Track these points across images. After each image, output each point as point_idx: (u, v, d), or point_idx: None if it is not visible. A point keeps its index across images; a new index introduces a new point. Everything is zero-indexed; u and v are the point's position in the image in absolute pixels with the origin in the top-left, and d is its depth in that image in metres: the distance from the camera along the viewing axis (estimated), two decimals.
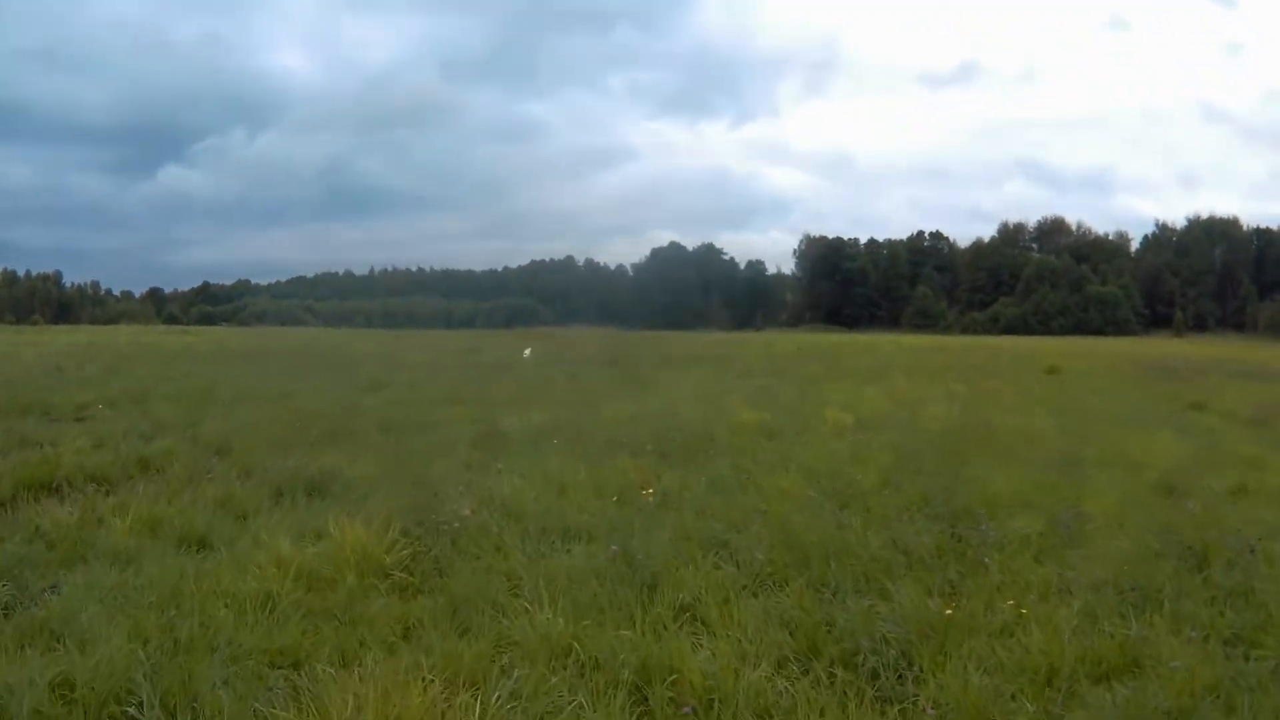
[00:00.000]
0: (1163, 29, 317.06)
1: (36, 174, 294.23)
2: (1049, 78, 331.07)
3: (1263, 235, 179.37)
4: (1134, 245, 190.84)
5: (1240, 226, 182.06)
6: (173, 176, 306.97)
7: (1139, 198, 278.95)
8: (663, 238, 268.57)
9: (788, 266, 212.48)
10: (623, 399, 20.48)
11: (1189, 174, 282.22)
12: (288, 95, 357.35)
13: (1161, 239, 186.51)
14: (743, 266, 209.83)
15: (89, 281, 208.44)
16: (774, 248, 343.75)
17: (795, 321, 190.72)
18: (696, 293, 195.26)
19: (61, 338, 67.60)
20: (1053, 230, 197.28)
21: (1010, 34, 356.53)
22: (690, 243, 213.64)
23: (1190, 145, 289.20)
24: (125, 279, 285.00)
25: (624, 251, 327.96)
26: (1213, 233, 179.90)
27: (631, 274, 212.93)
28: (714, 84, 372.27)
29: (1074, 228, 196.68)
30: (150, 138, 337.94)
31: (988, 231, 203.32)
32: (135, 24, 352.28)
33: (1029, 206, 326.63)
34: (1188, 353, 67.38)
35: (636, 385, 25.44)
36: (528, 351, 41.73)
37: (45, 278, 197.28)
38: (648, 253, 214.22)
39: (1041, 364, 43.45)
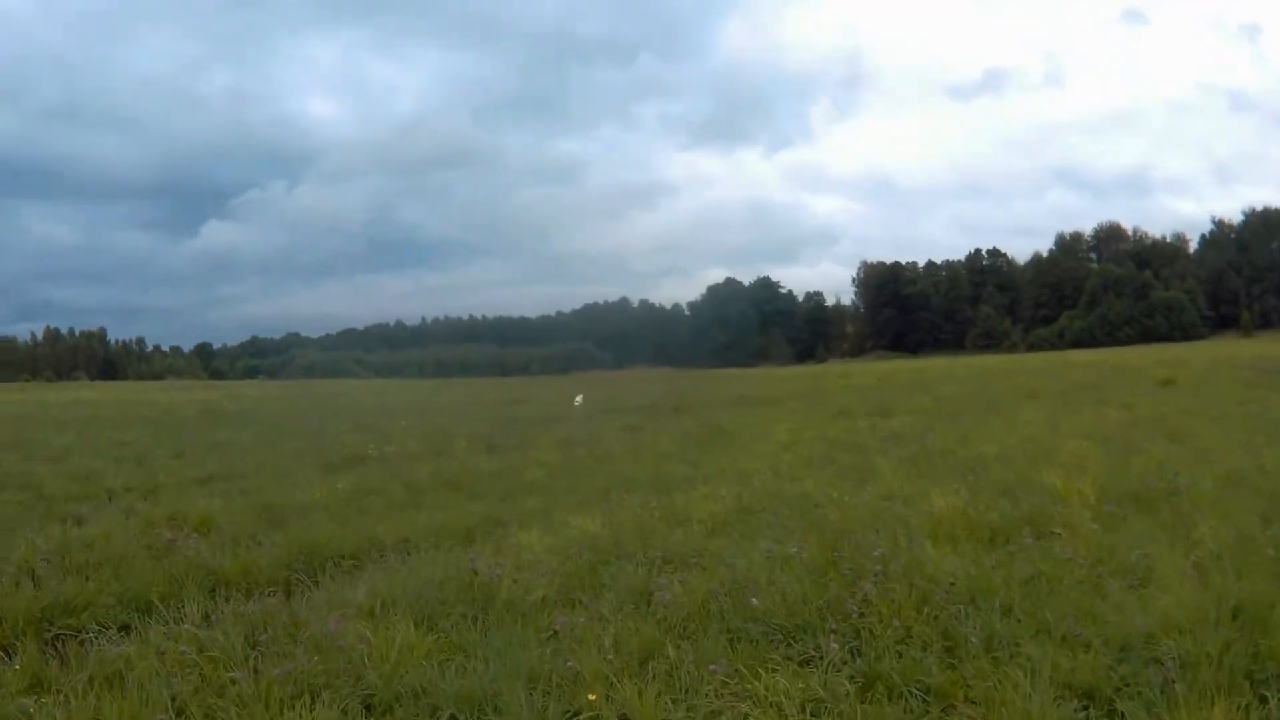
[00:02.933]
0: (1177, 18, 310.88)
1: (78, 233, 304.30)
2: (1074, 79, 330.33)
3: None
4: (1192, 245, 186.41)
5: None
6: (216, 231, 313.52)
7: (1177, 196, 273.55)
8: (714, 275, 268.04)
9: (844, 297, 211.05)
10: (705, 463, 16.59)
11: (1223, 168, 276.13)
12: (320, 144, 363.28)
13: (1220, 237, 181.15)
14: (800, 299, 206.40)
15: (134, 338, 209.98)
16: (826, 280, 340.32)
17: (857, 351, 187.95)
18: (755, 329, 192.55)
19: (52, 395, 66.60)
20: (1109, 237, 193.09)
21: (1030, 37, 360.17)
22: (743, 278, 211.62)
23: (1221, 137, 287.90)
24: (174, 336, 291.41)
25: (677, 292, 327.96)
26: (1271, 225, 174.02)
27: (688, 313, 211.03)
28: (744, 109, 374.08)
29: (1130, 233, 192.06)
30: (190, 193, 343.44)
31: (1035, 244, 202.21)
32: (162, 80, 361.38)
33: (1071, 215, 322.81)
34: (1273, 353, 64.49)
35: (716, 440, 21.62)
36: (579, 399, 38.69)
37: (89, 335, 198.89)
38: (701, 290, 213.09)
39: (1150, 377, 40.36)
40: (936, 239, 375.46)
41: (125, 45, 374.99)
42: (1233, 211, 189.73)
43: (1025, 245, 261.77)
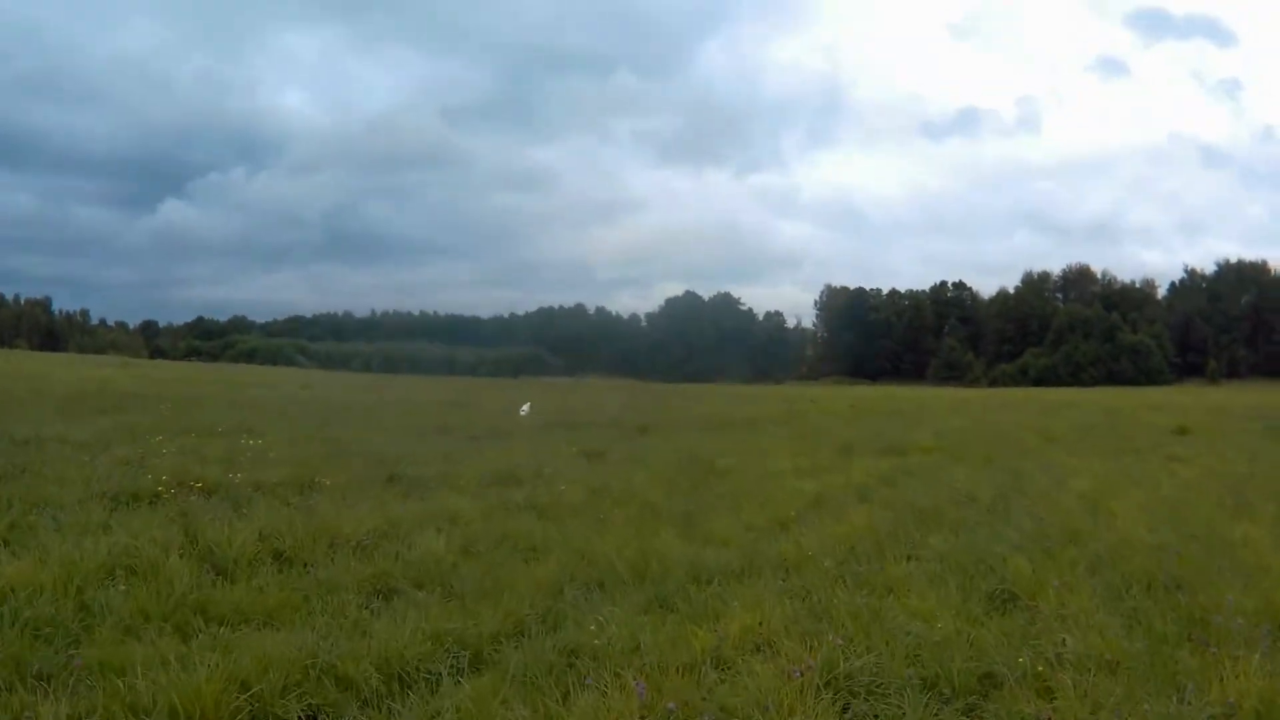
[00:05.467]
0: (1157, 71, 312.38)
1: (40, 203, 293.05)
2: (1047, 124, 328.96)
3: None
4: (1160, 292, 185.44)
5: (1269, 270, 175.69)
6: (174, 210, 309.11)
7: (1144, 246, 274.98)
8: (672, 289, 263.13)
9: (805, 320, 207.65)
10: (711, 528, 10.76)
11: (1191, 220, 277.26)
12: (289, 135, 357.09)
13: (1191, 285, 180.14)
14: (760, 318, 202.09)
15: (79, 309, 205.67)
16: (786, 303, 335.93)
17: (815, 375, 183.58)
18: (713, 345, 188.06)
19: None
20: (1078, 279, 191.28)
21: (1006, 80, 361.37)
22: (704, 293, 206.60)
23: (1192, 189, 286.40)
24: (124, 312, 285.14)
25: (634, 303, 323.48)
26: (1243, 277, 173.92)
27: (645, 324, 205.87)
28: (717, 130, 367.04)
29: (1099, 275, 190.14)
30: (152, 171, 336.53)
31: (997, 283, 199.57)
32: (137, 60, 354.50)
33: (1037, 257, 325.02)
34: (1261, 402, 60.62)
35: (709, 482, 15.39)
36: (526, 408, 32.63)
37: (34, 303, 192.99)
38: (659, 303, 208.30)
39: (1152, 424, 35.90)
40: (900, 271, 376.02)
41: (103, 24, 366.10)
42: (1198, 263, 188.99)
43: (990, 283, 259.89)
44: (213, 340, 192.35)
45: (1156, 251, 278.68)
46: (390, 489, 12.79)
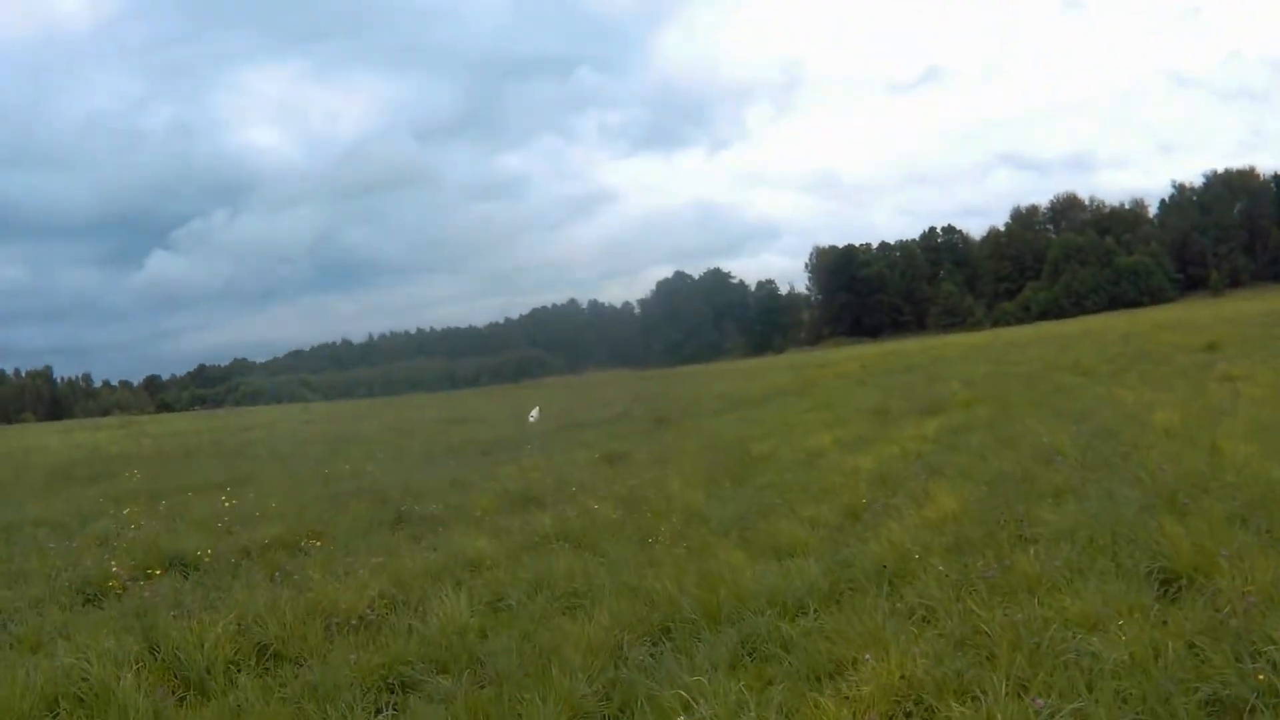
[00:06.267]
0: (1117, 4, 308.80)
1: (26, 272, 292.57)
2: (1013, 69, 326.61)
3: None
4: (1151, 211, 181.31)
5: (1258, 177, 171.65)
6: (161, 262, 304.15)
7: (1122, 170, 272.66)
8: (660, 273, 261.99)
9: (797, 285, 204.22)
10: (774, 534, 9.10)
11: (1167, 143, 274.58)
12: (264, 173, 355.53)
13: (1182, 200, 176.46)
14: (753, 289, 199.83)
15: (81, 374, 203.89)
16: (775, 271, 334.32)
17: (815, 339, 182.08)
18: (709, 322, 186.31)
19: None
20: (1067, 208, 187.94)
21: (968, 33, 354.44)
22: (690, 272, 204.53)
23: (1164, 115, 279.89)
24: (124, 370, 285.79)
25: (624, 292, 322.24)
26: (1233, 186, 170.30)
27: (638, 310, 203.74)
28: (683, 115, 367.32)
29: (1087, 202, 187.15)
30: (134, 227, 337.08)
31: (986, 222, 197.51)
32: (104, 117, 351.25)
33: (1017, 195, 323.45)
34: (1273, 309, 58.42)
35: (751, 472, 13.78)
36: (535, 413, 31.14)
37: (35, 374, 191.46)
38: (649, 289, 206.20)
39: (1183, 343, 33.94)
40: (884, 228, 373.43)
41: (68, 87, 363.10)
42: (1184, 178, 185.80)
43: (978, 224, 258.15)
44: (216, 386, 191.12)
45: (1135, 174, 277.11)
46: (397, 532, 11.17)
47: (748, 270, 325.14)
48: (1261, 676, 4.64)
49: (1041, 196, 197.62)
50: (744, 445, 16.84)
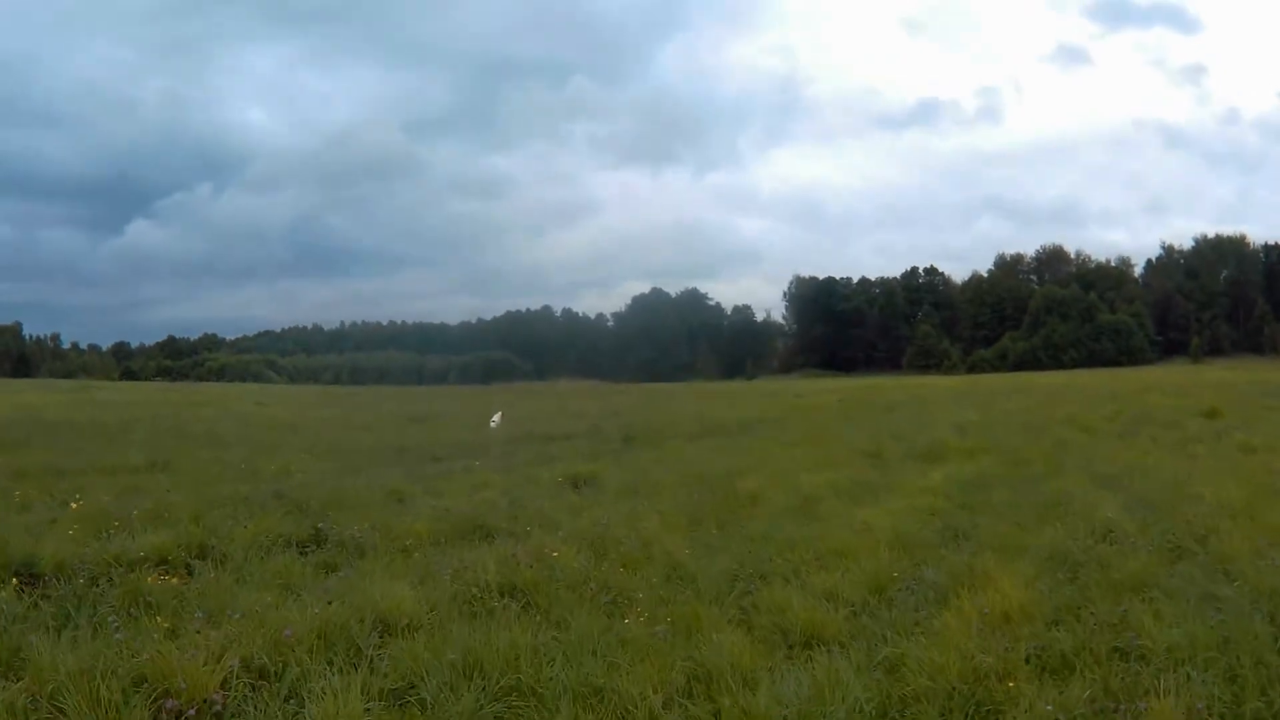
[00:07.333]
0: (1118, 58, 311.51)
1: (7, 228, 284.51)
2: (1007, 114, 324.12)
3: (1273, 251, 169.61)
4: (1136, 270, 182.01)
5: (1248, 244, 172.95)
6: (141, 231, 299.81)
7: (1110, 227, 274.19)
8: (636, 288, 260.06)
9: (773, 312, 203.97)
10: (780, 620, 7.04)
11: (1156, 201, 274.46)
12: (251, 151, 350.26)
13: (1168, 262, 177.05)
14: (729, 312, 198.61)
15: (50, 334, 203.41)
16: (752, 297, 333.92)
17: (788, 368, 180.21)
18: (682, 341, 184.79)
19: None
20: (1052, 259, 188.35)
21: (963, 72, 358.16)
22: (668, 290, 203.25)
23: (1156, 172, 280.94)
24: (96, 334, 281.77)
25: (598, 303, 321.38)
26: (1222, 252, 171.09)
27: (612, 323, 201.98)
28: (675, 133, 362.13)
29: (1073, 255, 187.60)
30: (118, 193, 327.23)
31: (969, 267, 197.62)
32: (98, 81, 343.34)
33: (1003, 243, 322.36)
34: (1262, 379, 57.23)
35: (736, 514, 11.91)
36: (497, 418, 29.15)
37: (4, 329, 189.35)
38: (625, 302, 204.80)
39: (1179, 406, 32.61)
40: (862, 262, 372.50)
41: (65, 50, 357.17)
42: (1168, 241, 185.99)
43: (960, 268, 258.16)
44: (183, 359, 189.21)
45: (1121, 232, 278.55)
46: (306, 557, 9.03)
47: (725, 293, 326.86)
48: None
49: (1026, 246, 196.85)
50: (729, 480, 14.75)
